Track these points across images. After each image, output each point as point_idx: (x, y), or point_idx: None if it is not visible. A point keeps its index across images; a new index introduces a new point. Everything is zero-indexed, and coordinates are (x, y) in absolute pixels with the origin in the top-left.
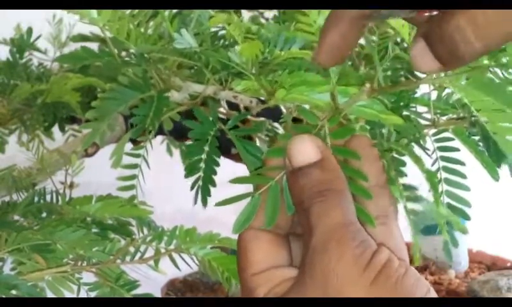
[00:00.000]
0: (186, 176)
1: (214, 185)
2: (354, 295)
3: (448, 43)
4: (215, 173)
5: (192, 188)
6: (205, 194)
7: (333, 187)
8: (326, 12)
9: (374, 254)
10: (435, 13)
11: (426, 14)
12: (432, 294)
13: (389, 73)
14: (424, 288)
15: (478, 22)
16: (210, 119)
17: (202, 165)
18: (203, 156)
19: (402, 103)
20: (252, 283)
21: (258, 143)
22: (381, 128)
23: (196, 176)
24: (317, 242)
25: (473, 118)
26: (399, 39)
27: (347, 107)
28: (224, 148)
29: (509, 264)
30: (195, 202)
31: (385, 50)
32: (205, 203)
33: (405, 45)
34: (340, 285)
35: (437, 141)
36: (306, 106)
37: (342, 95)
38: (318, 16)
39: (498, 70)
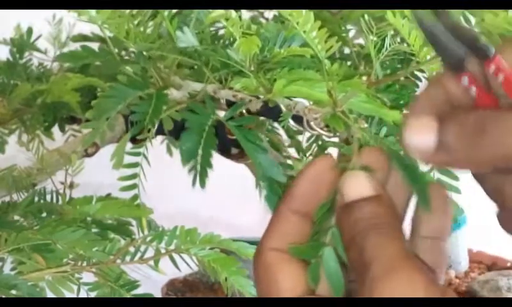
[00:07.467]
0: (184, 164)
1: (211, 166)
2: None
3: None
4: (211, 155)
5: (190, 171)
6: (203, 176)
7: (390, 220)
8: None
9: (442, 291)
10: None
11: None
12: None
13: (388, 72)
14: None
15: None
16: (207, 112)
17: (200, 152)
18: (201, 143)
19: (402, 102)
20: None
21: None
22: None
23: (194, 161)
24: (377, 272)
25: None
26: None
27: (345, 101)
28: (225, 148)
29: (509, 264)
30: (193, 184)
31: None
32: (203, 185)
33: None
34: None
35: None
36: (306, 102)
37: (341, 90)
38: (300, 18)
39: None
